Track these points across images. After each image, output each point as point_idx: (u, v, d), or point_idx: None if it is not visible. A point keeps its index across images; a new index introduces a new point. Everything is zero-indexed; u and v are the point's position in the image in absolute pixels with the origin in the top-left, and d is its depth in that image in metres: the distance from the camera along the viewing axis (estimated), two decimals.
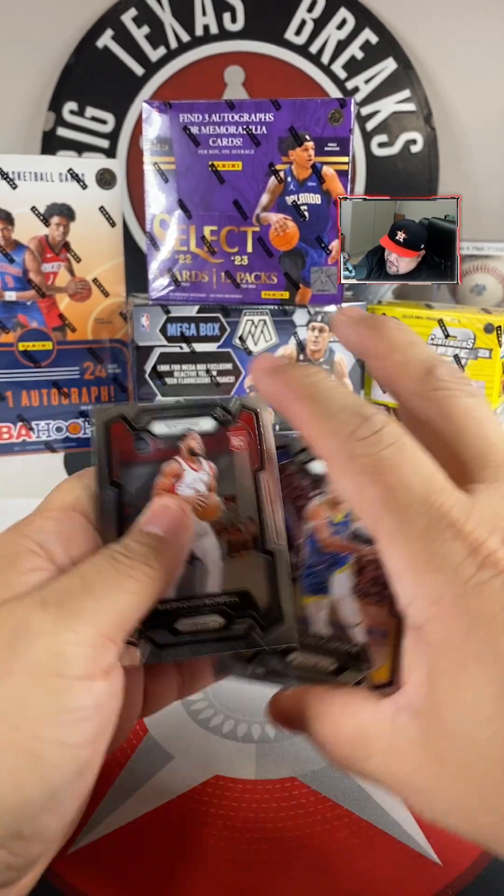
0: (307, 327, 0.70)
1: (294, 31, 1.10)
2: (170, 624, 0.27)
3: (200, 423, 0.30)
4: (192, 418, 0.30)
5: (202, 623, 0.27)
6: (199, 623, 0.27)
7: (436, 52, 1.12)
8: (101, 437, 0.29)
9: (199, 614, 0.27)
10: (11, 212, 0.70)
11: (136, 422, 0.30)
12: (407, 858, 0.28)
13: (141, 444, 0.29)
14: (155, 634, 0.27)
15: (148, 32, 1.09)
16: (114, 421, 0.30)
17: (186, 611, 0.27)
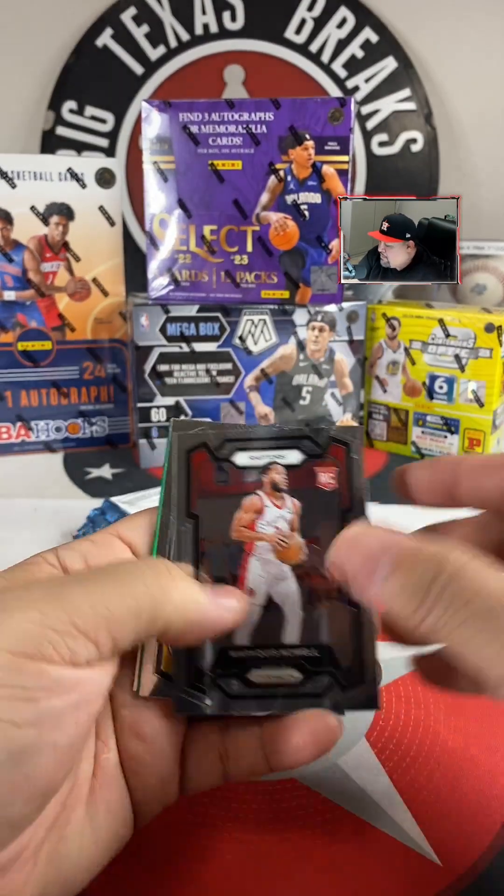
0: (307, 327, 0.70)
1: (294, 30, 1.10)
2: (242, 674, 0.26)
3: (287, 455, 0.28)
4: (278, 450, 0.28)
5: (277, 676, 0.26)
6: (274, 676, 0.26)
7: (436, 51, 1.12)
8: (180, 465, 0.28)
9: (274, 666, 0.26)
10: (11, 211, 0.70)
11: (219, 451, 0.28)
12: (407, 859, 0.28)
13: (221, 474, 0.28)
14: (226, 683, 0.25)
15: (147, 31, 1.09)
16: (196, 449, 0.28)
17: (261, 661, 0.26)
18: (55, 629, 0.21)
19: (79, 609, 0.21)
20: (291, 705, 0.26)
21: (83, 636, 0.21)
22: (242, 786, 0.31)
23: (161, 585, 0.23)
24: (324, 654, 0.26)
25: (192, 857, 0.28)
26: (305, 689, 0.26)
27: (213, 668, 0.26)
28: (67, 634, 0.21)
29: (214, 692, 0.25)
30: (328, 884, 0.27)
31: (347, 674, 0.26)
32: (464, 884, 0.27)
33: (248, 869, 0.27)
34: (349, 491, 0.28)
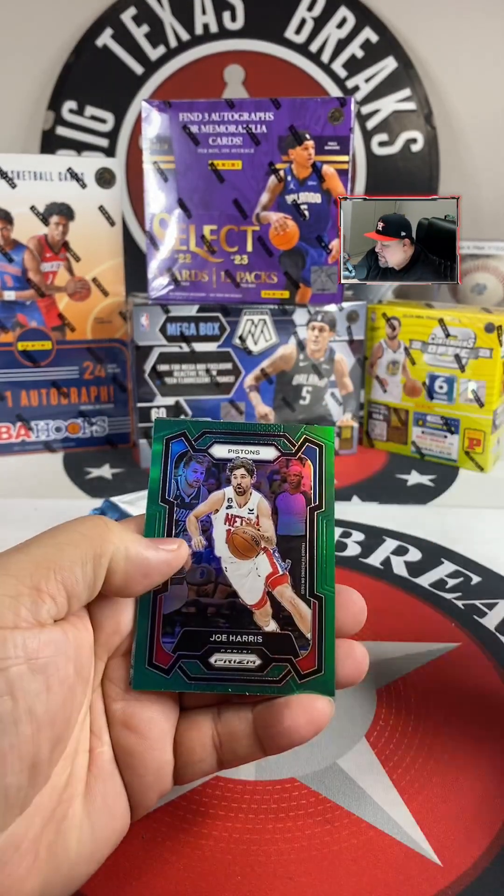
0: (307, 327, 0.70)
1: (294, 30, 1.10)
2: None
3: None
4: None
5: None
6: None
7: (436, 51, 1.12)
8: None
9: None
10: (10, 211, 0.70)
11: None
12: (407, 859, 0.28)
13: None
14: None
15: (147, 31, 1.09)
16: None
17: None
18: (7, 594, 0.21)
19: (24, 569, 0.22)
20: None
21: (35, 591, 0.22)
22: (241, 785, 0.31)
23: (99, 532, 0.24)
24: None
25: (192, 858, 0.28)
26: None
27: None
28: (21, 595, 0.21)
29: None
30: (328, 883, 0.27)
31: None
32: (464, 884, 0.27)
33: (247, 869, 0.27)
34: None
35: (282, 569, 0.28)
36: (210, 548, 0.28)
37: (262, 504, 0.29)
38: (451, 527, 0.58)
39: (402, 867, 0.28)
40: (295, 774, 0.32)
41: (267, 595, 0.28)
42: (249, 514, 0.29)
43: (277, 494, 0.29)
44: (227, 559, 0.28)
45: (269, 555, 0.28)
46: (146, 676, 0.27)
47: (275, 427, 0.30)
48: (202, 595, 0.28)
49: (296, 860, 0.28)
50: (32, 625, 0.21)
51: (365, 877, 0.27)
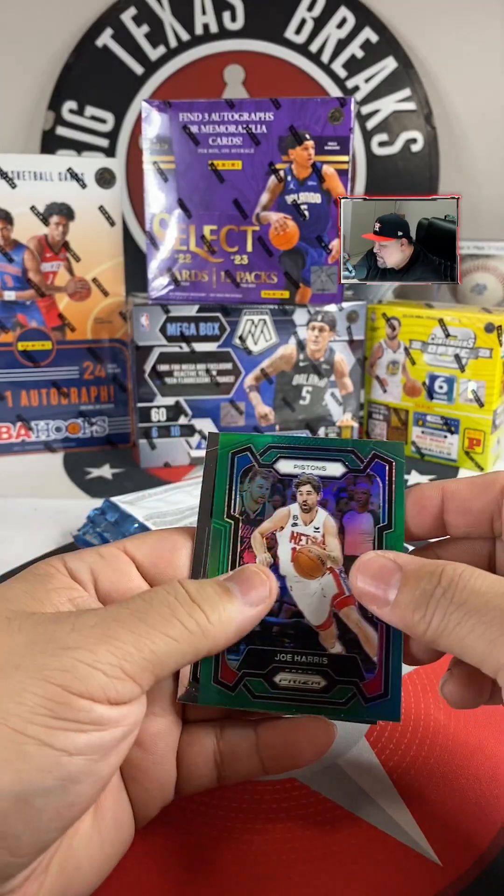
0: (307, 327, 0.70)
1: (294, 30, 1.10)
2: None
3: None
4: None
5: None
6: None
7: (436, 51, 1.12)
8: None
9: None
10: (11, 211, 0.70)
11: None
12: (407, 859, 0.28)
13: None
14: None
15: (147, 31, 1.09)
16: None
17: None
18: (105, 672, 0.21)
19: (128, 653, 0.22)
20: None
21: (130, 679, 0.22)
22: (241, 786, 0.31)
23: (199, 623, 0.24)
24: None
25: (192, 858, 0.28)
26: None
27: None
28: (116, 678, 0.22)
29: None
30: (328, 884, 0.27)
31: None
32: (464, 884, 0.27)
33: (247, 869, 0.27)
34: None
35: (348, 590, 0.27)
36: (275, 566, 0.28)
37: (328, 522, 0.28)
38: None
39: (402, 867, 0.28)
40: (295, 774, 0.32)
41: (333, 616, 0.27)
42: (315, 532, 0.28)
43: (345, 512, 0.28)
44: (293, 578, 0.28)
45: (336, 575, 0.28)
46: (212, 692, 0.27)
47: (343, 442, 0.29)
48: (267, 614, 0.27)
49: (296, 860, 0.28)
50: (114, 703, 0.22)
51: (365, 877, 0.27)
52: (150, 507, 0.53)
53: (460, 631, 0.22)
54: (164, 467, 0.71)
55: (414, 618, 0.24)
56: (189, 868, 0.28)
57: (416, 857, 0.28)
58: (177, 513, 0.51)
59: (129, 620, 0.23)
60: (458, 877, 0.27)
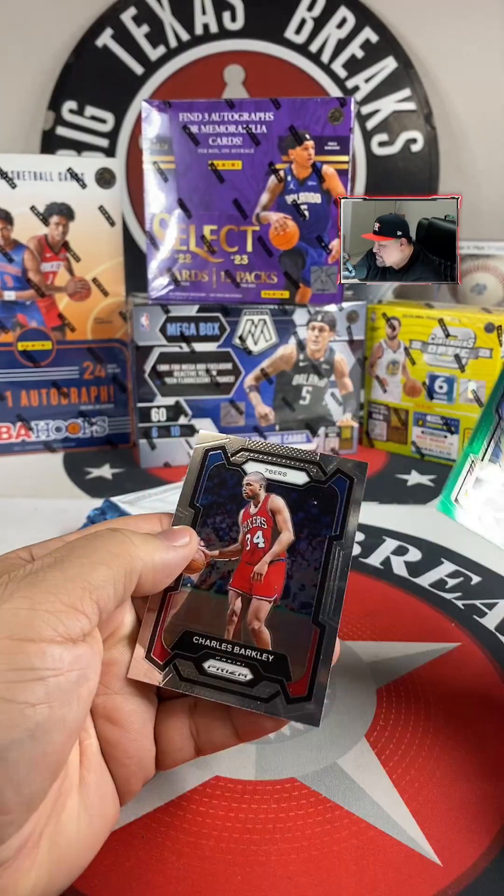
0: (307, 327, 0.70)
1: (294, 30, 1.10)
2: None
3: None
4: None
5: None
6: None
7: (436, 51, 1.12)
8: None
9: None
10: (11, 211, 0.70)
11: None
12: (407, 859, 0.28)
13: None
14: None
15: (147, 31, 1.09)
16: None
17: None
18: (47, 610, 0.22)
19: (62, 587, 0.23)
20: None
21: (72, 609, 0.23)
22: (241, 785, 0.31)
23: (126, 549, 0.25)
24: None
25: (192, 857, 0.28)
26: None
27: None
28: (59, 612, 0.22)
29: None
30: (328, 884, 0.27)
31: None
32: (464, 884, 0.27)
33: (247, 869, 0.27)
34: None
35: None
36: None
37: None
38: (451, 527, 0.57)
39: (402, 867, 0.28)
40: (295, 774, 0.32)
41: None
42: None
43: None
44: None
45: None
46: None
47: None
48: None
49: (296, 860, 0.28)
50: (67, 640, 0.22)
51: (365, 877, 0.27)
52: (150, 507, 0.53)
53: None
54: (164, 467, 0.71)
55: None
56: (189, 868, 0.28)
57: (416, 857, 0.28)
58: None
59: (60, 561, 0.24)
60: (458, 877, 0.27)
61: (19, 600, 0.22)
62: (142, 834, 0.29)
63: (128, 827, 0.29)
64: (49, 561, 0.24)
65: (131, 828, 0.29)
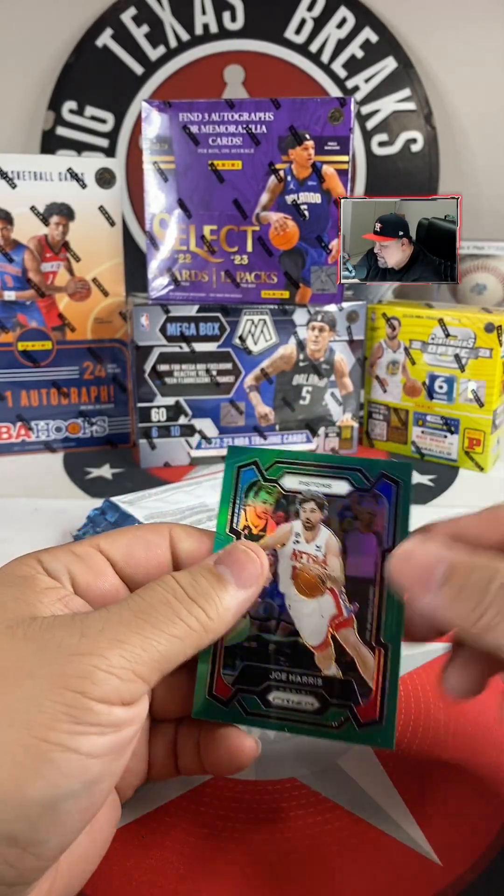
0: (307, 327, 0.70)
1: (294, 30, 1.10)
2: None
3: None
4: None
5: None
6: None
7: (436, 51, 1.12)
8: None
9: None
10: (11, 211, 0.70)
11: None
12: (407, 859, 0.28)
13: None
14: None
15: (147, 31, 1.09)
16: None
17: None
18: (119, 677, 0.22)
19: (138, 656, 0.23)
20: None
21: (140, 680, 0.23)
22: (241, 785, 0.31)
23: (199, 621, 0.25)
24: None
25: (192, 857, 0.28)
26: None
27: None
28: (129, 681, 0.22)
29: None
30: (328, 884, 0.27)
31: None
32: (464, 884, 0.27)
33: (247, 869, 0.27)
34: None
35: (347, 612, 0.27)
36: (275, 583, 0.28)
37: (330, 541, 0.28)
38: None
39: (402, 867, 0.28)
40: (295, 774, 0.32)
41: (331, 638, 0.27)
42: (317, 550, 0.28)
43: (348, 532, 0.28)
44: (292, 596, 0.27)
45: (336, 596, 0.27)
46: (207, 705, 0.27)
47: (350, 460, 0.28)
48: (264, 630, 0.27)
49: (296, 860, 0.28)
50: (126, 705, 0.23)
51: (365, 877, 0.27)
52: (150, 507, 0.53)
53: None
54: (164, 467, 0.71)
55: (464, 609, 0.24)
56: (189, 868, 0.28)
57: (416, 857, 0.28)
58: (177, 513, 0.51)
59: (134, 622, 0.23)
60: (458, 877, 0.27)
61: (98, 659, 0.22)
62: (142, 834, 0.29)
63: (128, 827, 0.29)
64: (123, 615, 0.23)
65: (131, 828, 0.29)
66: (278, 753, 0.33)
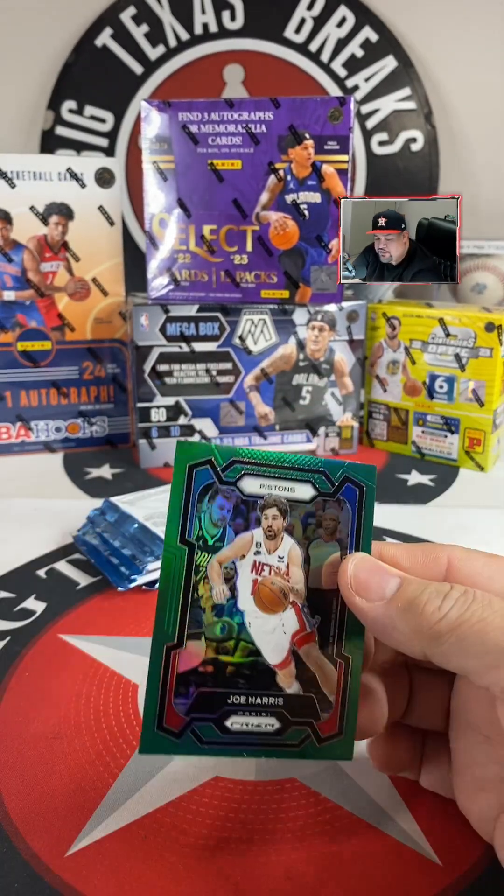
0: (307, 326, 0.70)
1: (294, 30, 1.10)
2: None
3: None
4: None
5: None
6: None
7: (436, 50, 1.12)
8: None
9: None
10: (10, 211, 0.70)
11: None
12: (407, 859, 0.28)
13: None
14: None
15: (147, 31, 1.09)
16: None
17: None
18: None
19: None
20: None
21: None
22: (241, 785, 0.31)
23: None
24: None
25: (191, 858, 0.28)
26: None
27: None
28: None
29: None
30: (328, 884, 0.27)
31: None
32: (464, 884, 0.27)
33: (248, 869, 0.27)
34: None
35: (310, 626, 0.26)
36: (234, 599, 0.25)
37: (293, 551, 0.26)
38: (451, 527, 0.57)
39: (402, 867, 0.28)
40: (295, 774, 0.32)
41: (292, 654, 0.26)
42: (279, 561, 0.26)
43: (311, 540, 0.26)
44: (252, 613, 0.25)
45: (298, 609, 0.26)
46: (154, 740, 0.25)
47: (313, 461, 0.26)
48: (221, 652, 0.25)
49: (295, 860, 0.28)
50: None
51: (365, 877, 0.27)
52: (150, 507, 0.53)
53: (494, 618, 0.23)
54: (163, 467, 0.71)
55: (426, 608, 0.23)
56: (189, 868, 0.27)
57: (416, 857, 0.28)
58: None
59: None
60: (458, 877, 0.27)
61: None
62: (142, 834, 0.29)
63: (128, 827, 0.29)
64: None
65: (131, 828, 0.29)
66: None
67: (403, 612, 0.24)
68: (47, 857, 0.28)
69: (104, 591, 0.47)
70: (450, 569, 0.26)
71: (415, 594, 0.24)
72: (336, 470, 0.26)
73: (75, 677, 0.39)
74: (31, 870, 0.27)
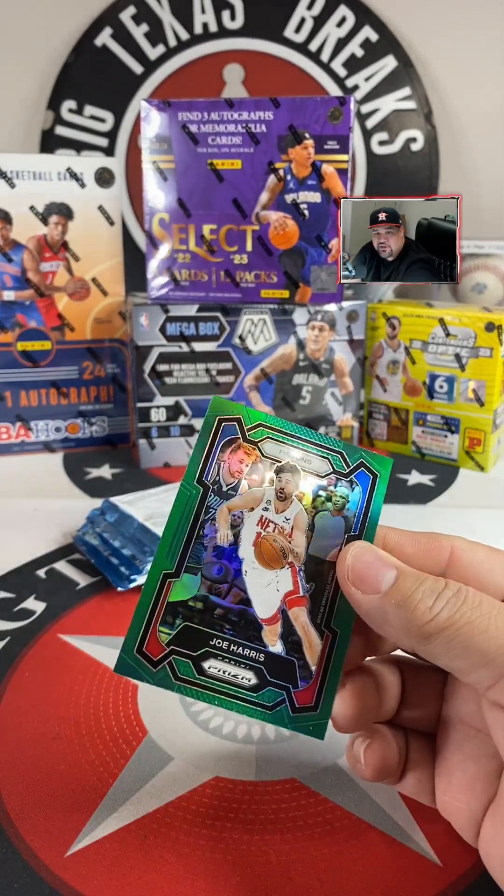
0: (307, 326, 0.70)
1: (294, 29, 1.10)
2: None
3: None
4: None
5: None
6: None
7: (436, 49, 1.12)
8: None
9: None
10: (10, 211, 0.70)
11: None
12: (407, 860, 0.28)
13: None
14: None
15: (147, 31, 1.09)
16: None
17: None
18: None
19: None
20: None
21: None
22: (241, 785, 0.31)
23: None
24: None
25: (191, 859, 0.28)
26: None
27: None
28: None
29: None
30: (328, 884, 0.27)
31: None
32: (464, 884, 0.27)
33: (247, 869, 0.27)
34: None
35: (303, 590, 0.26)
36: (235, 545, 0.26)
37: (300, 516, 0.27)
38: (451, 527, 0.57)
39: (402, 867, 0.28)
40: (295, 775, 0.32)
41: (281, 613, 0.26)
42: (285, 522, 0.27)
43: (318, 511, 0.27)
44: (250, 563, 0.26)
45: (294, 571, 0.26)
46: (131, 663, 0.25)
47: (334, 442, 0.28)
48: (214, 593, 0.26)
49: (296, 860, 0.28)
50: None
51: (365, 877, 0.27)
52: (150, 507, 0.53)
53: (480, 622, 0.23)
54: (163, 467, 0.71)
55: (418, 606, 0.23)
56: (189, 868, 0.27)
57: (416, 857, 0.28)
58: None
59: None
60: (458, 877, 0.27)
61: None
62: (142, 834, 0.29)
63: (128, 827, 0.29)
64: None
65: (131, 828, 0.29)
66: (278, 753, 0.33)
67: (396, 609, 0.24)
68: (47, 858, 0.28)
69: (104, 591, 0.47)
70: (452, 558, 0.27)
71: (409, 591, 0.24)
72: (354, 454, 0.28)
73: (75, 677, 0.39)
74: (30, 870, 0.27)
